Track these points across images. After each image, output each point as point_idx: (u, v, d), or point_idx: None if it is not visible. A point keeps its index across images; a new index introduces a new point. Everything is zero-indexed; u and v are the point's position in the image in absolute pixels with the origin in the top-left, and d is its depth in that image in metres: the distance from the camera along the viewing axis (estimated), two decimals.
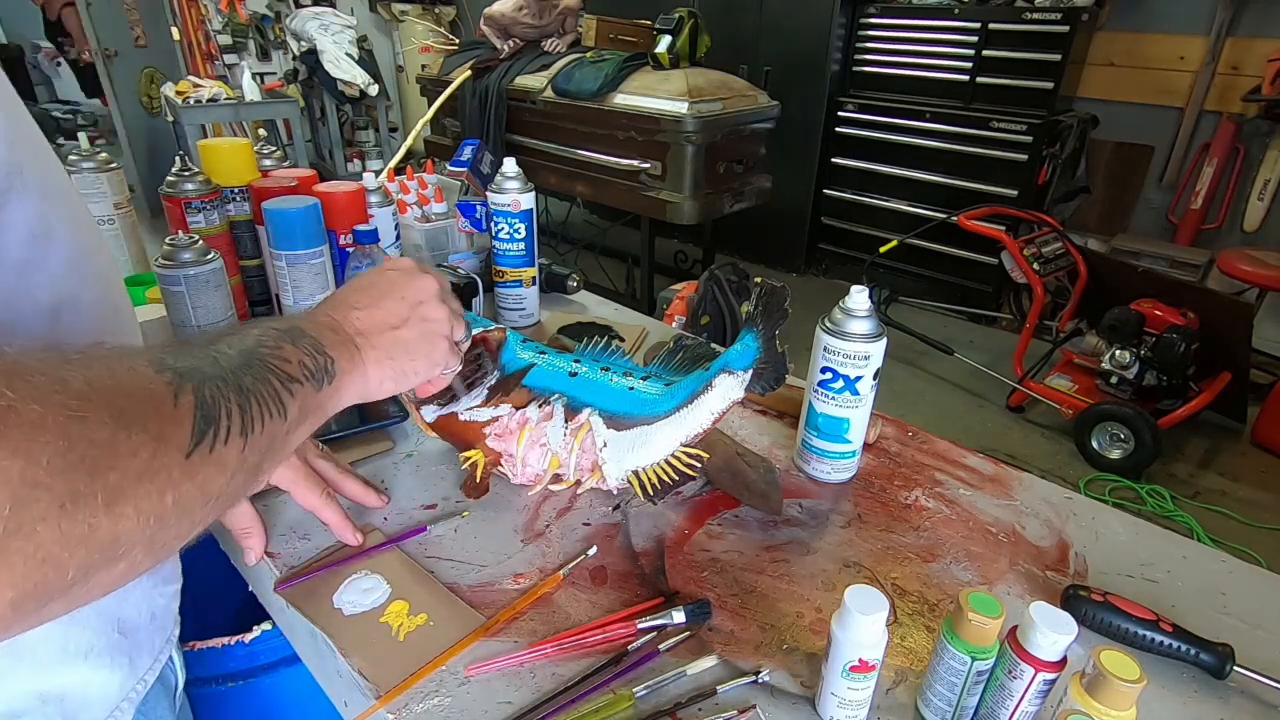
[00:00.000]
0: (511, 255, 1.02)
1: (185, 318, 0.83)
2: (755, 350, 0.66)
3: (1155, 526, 0.71)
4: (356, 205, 0.97)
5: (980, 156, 3.20)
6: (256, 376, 0.38)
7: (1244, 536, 2.09)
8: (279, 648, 0.85)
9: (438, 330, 0.55)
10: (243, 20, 4.97)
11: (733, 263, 1.33)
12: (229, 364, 0.37)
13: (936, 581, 0.63)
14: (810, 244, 3.94)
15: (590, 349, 0.71)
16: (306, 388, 0.42)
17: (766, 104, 2.72)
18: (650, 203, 2.65)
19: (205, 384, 0.34)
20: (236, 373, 0.37)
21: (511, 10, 2.85)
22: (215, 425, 0.34)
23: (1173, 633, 0.54)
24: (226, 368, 0.37)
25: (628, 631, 0.56)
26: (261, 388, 0.38)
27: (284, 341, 0.42)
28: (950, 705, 0.48)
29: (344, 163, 4.53)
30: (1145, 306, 2.36)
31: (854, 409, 0.71)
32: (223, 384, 0.35)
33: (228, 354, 0.38)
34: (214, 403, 0.34)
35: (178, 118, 3.14)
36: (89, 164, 1.14)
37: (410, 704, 0.50)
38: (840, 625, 0.46)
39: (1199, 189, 3.13)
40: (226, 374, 0.36)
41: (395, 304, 0.52)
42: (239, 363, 0.38)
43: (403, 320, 0.52)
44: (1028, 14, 3.04)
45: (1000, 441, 2.54)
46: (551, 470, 0.65)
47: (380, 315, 0.51)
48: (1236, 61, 2.96)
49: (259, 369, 0.39)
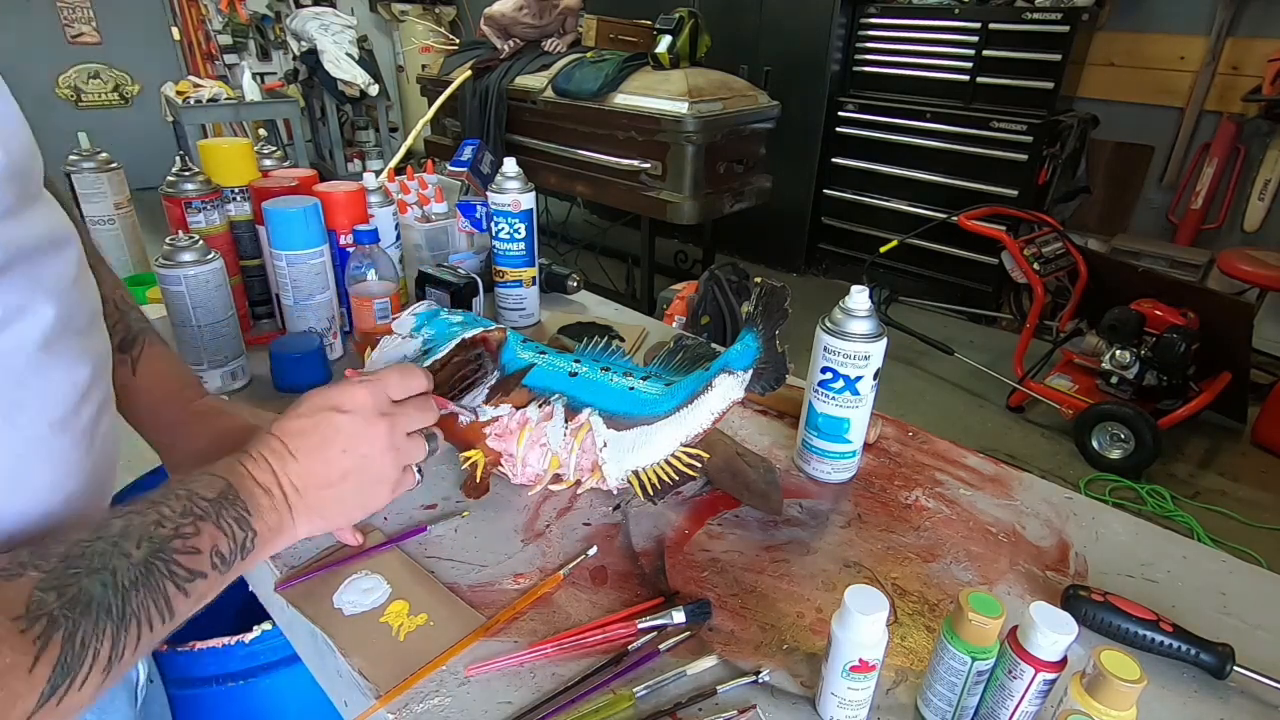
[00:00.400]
0: (511, 255, 1.02)
1: (185, 318, 0.83)
2: (755, 350, 0.66)
3: (1155, 526, 0.71)
4: (356, 205, 0.97)
5: (980, 156, 3.20)
6: (152, 588, 0.38)
7: (1244, 536, 2.09)
8: (279, 648, 0.86)
9: (378, 480, 0.52)
10: (243, 20, 4.97)
11: (733, 263, 1.33)
12: (125, 577, 0.37)
13: (936, 581, 0.63)
14: (810, 244, 3.94)
15: (590, 349, 0.71)
16: (211, 577, 0.41)
17: (766, 104, 2.72)
18: (650, 203, 2.65)
19: (80, 626, 0.34)
20: (127, 591, 0.37)
21: (512, 10, 2.85)
22: (73, 676, 0.34)
23: (1173, 633, 0.54)
24: (121, 583, 0.36)
25: (628, 631, 0.56)
26: (151, 602, 0.38)
27: (207, 520, 0.42)
28: (950, 705, 0.48)
29: (344, 163, 4.53)
30: (1145, 306, 2.36)
31: (854, 409, 0.71)
32: (104, 615, 0.35)
33: (131, 558, 0.37)
34: (82, 648, 0.34)
35: (178, 117, 3.14)
36: (89, 164, 1.14)
37: (410, 704, 0.50)
38: (840, 625, 0.46)
39: (1199, 189, 3.13)
40: (115, 596, 0.36)
41: (338, 457, 0.49)
42: (136, 573, 0.37)
43: (343, 475, 0.50)
44: (1028, 14, 3.04)
45: (1000, 441, 2.54)
46: (551, 470, 0.65)
47: (320, 469, 0.49)
48: (1237, 61, 2.96)
49: (159, 575, 0.38)
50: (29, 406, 0.41)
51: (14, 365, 0.40)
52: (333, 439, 0.49)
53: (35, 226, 0.42)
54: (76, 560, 0.36)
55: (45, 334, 0.42)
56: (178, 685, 0.84)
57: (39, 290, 0.42)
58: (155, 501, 0.41)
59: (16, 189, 0.40)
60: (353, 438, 0.50)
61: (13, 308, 0.40)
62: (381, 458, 0.51)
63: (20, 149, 0.42)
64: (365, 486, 0.51)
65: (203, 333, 0.85)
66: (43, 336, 0.41)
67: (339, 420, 0.50)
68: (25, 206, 0.42)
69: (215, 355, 0.87)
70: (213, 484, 0.44)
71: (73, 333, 0.44)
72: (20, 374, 0.40)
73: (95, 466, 0.46)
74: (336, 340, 0.96)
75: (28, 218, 0.42)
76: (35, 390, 0.41)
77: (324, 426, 0.49)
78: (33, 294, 0.41)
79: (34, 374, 0.41)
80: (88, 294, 0.48)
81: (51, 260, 0.43)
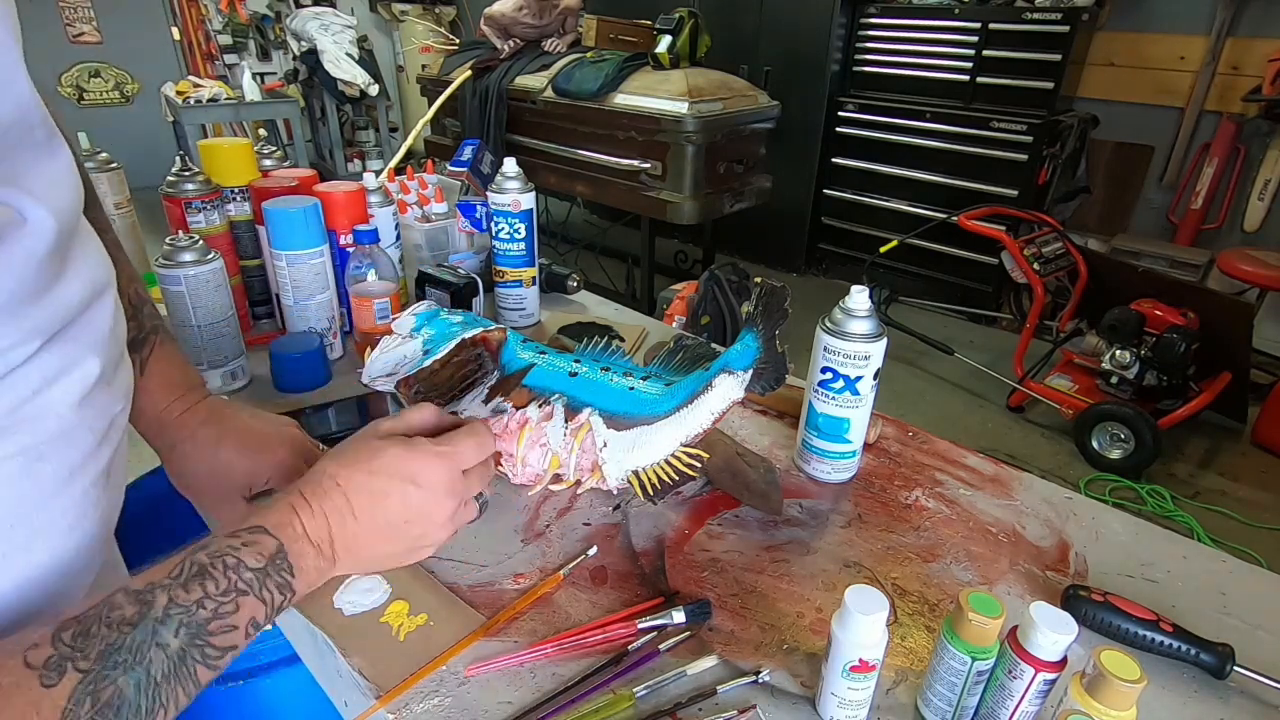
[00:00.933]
0: (511, 255, 1.02)
1: (185, 318, 0.84)
2: (755, 350, 0.66)
3: (1155, 526, 0.71)
4: (356, 205, 0.97)
5: (980, 156, 3.20)
6: (183, 677, 0.37)
7: (1244, 536, 2.09)
8: (279, 648, 0.85)
9: (430, 545, 0.51)
10: (243, 20, 4.97)
11: (733, 263, 1.33)
12: (159, 670, 0.36)
13: (936, 581, 0.63)
14: (810, 244, 3.94)
15: (590, 349, 0.71)
16: (240, 647, 0.40)
17: (766, 104, 2.72)
18: (650, 203, 2.65)
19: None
20: (159, 685, 0.36)
21: (512, 10, 2.85)
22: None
23: (1173, 633, 0.54)
24: (154, 678, 0.35)
25: (628, 631, 0.56)
26: (180, 688, 0.37)
27: (249, 594, 0.40)
28: (950, 705, 0.48)
29: (344, 163, 4.53)
30: (1145, 306, 2.36)
31: (854, 409, 0.71)
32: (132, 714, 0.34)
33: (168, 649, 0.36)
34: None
35: (178, 117, 3.14)
36: (89, 164, 1.14)
37: (410, 704, 0.50)
38: (840, 625, 0.46)
39: (1199, 189, 3.13)
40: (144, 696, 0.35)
41: (398, 525, 0.48)
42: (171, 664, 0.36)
43: (395, 540, 0.49)
44: (1028, 14, 3.04)
45: (1000, 441, 2.54)
46: (551, 470, 0.65)
47: (375, 531, 0.47)
48: (1237, 61, 2.96)
49: (192, 660, 0.37)
50: (51, 459, 0.40)
51: (46, 427, 0.39)
52: (399, 511, 0.48)
53: (76, 288, 0.42)
54: (114, 655, 0.34)
55: (82, 391, 0.41)
56: None
57: (80, 349, 0.41)
58: (203, 570, 0.39)
59: (60, 254, 0.40)
60: (420, 514, 0.49)
61: (52, 374, 0.39)
62: (439, 531, 0.51)
63: (70, 206, 0.41)
64: (412, 551, 0.51)
65: (203, 333, 0.85)
66: (78, 396, 0.41)
67: (411, 494, 0.48)
68: (67, 268, 0.41)
69: (215, 355, 0.87)
70: (264, 546, 0.42)
71: (104, 383, 0.44)
72: (51, 434, 0.40)
73: (109, 503, 0.46)
74: (336, 340, 0.96)
75: (69, 279, 0.41)
76: (59, 445, 0.40)
77: (394, 497, 0.48)
78: (74, 354, 0.41)
79: (63, 432, 0.40)
80: (119, 335, 0.47)
81: (92, 316, 0.43)
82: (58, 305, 0.40)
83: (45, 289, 0.39)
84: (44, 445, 0.39)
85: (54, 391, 0.40)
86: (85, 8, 4.66)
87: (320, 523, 0.45)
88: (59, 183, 0.41)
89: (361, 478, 0.47)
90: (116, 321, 0.47)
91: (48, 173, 0.40)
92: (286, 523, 0.44)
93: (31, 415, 0.39)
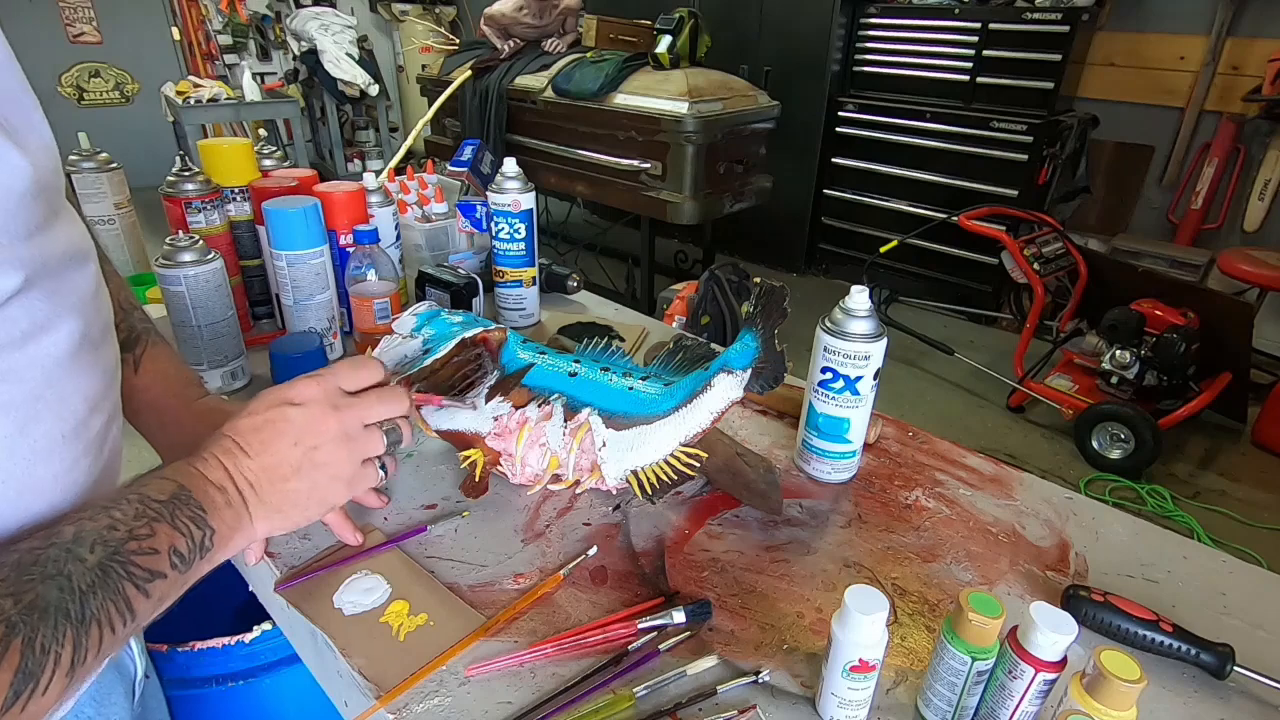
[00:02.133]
0: (511, 255, 1.02)
1: (185, 318, 0.84)
2: (754, 350, 0.66)
3: (1155, 526, 0.71)
4: (356, 205, 0.97)
5: (980, 156, 3.20)
6: (110, 590, 0.37)
7: (1244, 536, 2.09)
8: (279, 648, 0.85)
9: (333, 475, 0.52)
10: (243, 20, 4.97)
11: (733, 263, 1.33)
12: (82, 580, 0.36)
13: (937, 581, 0.63)
14: (810, 244, 3.94)
15: (590, 349, 0.71)
16: (170, 577, 0.41)
17: (766, 104, 2.72)
18: (650, 203, 2.65)
19: (39, 631, 0.34)
20: (85, 595, 0.36)
21: (512, 10, 2.85)
22: (35, 681, 0.34)
23: (1173, 633, 0.54)
24: (78, 586, 0.36)
25: (628, 631, 0.56)
26: (110, 604, 0.37)
27: (162, 520, 0.41)
28: (950, 705, 0.48)
29: (344, 163, 4.53)
30: (1145, 306, 2.36)
31: (854, 409, 0.71)
32: (63, 619, 0.35)
33: (86, 562, 0.37)
34: (43, 653, 0.34)
35: (178, 117, 3.14)
36: (89, 164, 1.14)
37: (410, 704, 0.50)
38: (840, 625, 0.46)
39: (1199, 189, 3.13)
40: (72, 599, 0.36)
41: (288, 450, 0.49)
42: (93, 577, 0.37)
43: (294, 470, 0.49)
44: (1028, 14, 3.04)
45: (1000, 441, 2.54)
46: (551, 470, 0.65)
47: (271, 463, 0.48)
48: (1237, 61, 2.96)
49: (116, 576, 0.38)
50: (43, 418, 0.41)
51: (33, 378, 0.40)
52: (284, 432, 0.49)
53: (60, 241, 0.42)
54: (30, 568, 0.35)
55: (68, 348, 0.42)
56: (177, 685, 0.84)
57: (63, 305, 0.42)
58: (106, 507, 0.40)
59: (44, 205, 0.40)
60: (303, 430, 0.50)
61: (38, 322, 0.40)
62: (335, 450, 0.51)
63: (48, 166, 0.42)
64: (320, 481, 0.51)
65: (202, 333, 0.85)
66: (65, 351, 0.41)
67: (290, 413, 0.49)
68: (51, 221, 0.42)
69: (215, 355, 0.87)
70: (164, 486, 0.43)
71: (89, 346, 0.44)
72: (38, 387, 0.40)
73: (101, 475, 0.46)
74: (336, 340, 0.96)
75: (53, 232, 0.42)
76: (50, 402, 0.41)
77: (275, 421, 0.49)
78: (57, 308, 0.41)
79: (51, 387, 0.41)
80: (104, 306, 0.48)
81: (74, 274, 0.44)
82: (42, 250, 0.40)
83: (27, 229, 0.39)
84: (34, 402, 0.40)
85: (41, 342, 0.40)
86: (85, 8, 4.66)
87: (214, 465, 0.47)
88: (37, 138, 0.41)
89: (242, 419, 0.50)
90: (100, 292, 0.47)
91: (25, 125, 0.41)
92: (183, 469, 0.45)
93: (20, 365, 0.39)
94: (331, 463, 0.51)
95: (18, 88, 0.41)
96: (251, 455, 0.48)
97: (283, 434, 0.49)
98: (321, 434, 0.50)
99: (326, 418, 0.51)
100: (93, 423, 0.45)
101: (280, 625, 0.67)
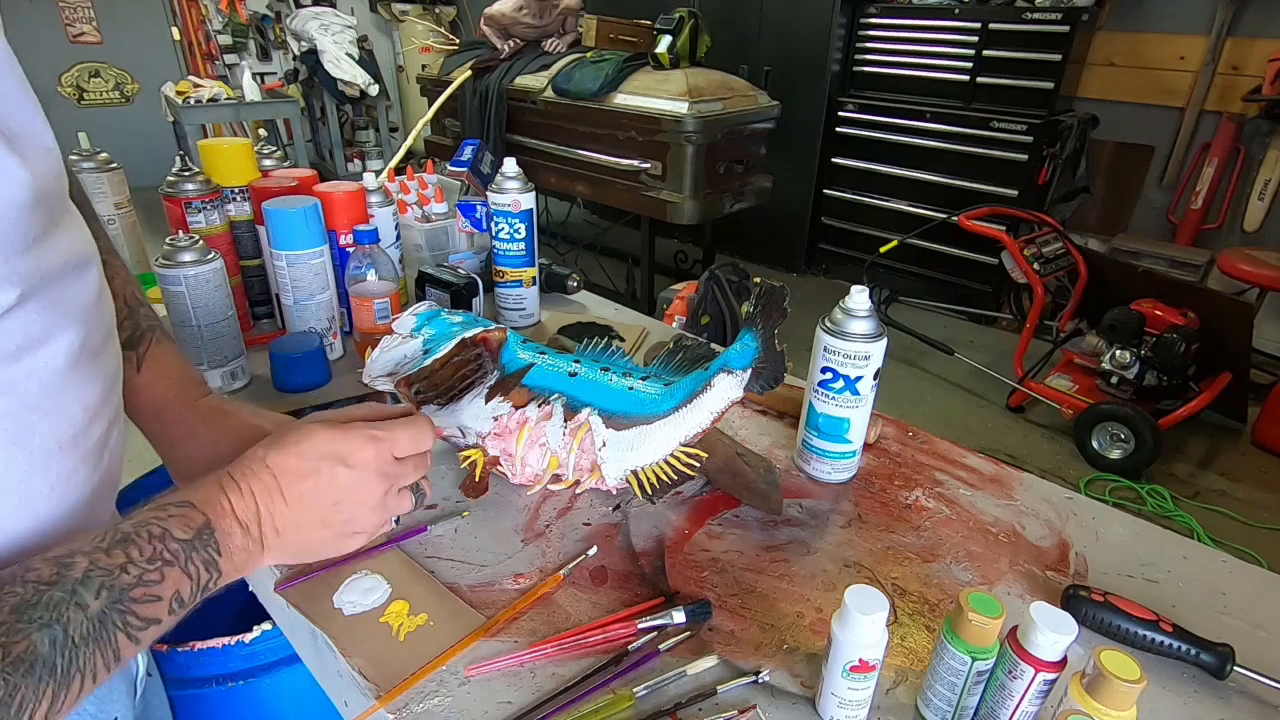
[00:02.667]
0: (511, 255, 1.02)
1: (185, 318, 0.83)
2: (754, 349, 0.66)
3: (1155, 526, 0.71)
4: (356, 205, 0.97)
5: (980, 156, 3.20)
6: (104, 640, 0.36)
7: (1244, 536, 2.09)
8: (279, 648, 0.86)
9: (357, 530, 0.51)
10: (243, 20, 4.97)
11: (733, 263, 1.33)
12: (77, 631, 0.35)
13: (937, 581, 0.63)
14: (810, 244, 3.94)
15: (590, 349, 0.71)
16: (165, 622, 0.40)
17: (766, 104, 2.72)
18: (650, 203, 2.65)
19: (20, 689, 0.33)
20: (76, 648, 0.35)
21: (512, 10, 2.85)
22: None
23: (1173, 633, 0.54)
24: (72, 638, 0.35)
25: (628, 631, 0.56)
26: (99, 654, 0.36)
27: (174, 565, 0.40)
28: (950, 705, 0.48)
29: (344, 163, 4.53)
30: (1145, 306, 2.36)
31: (854, 409, 0.71)
32: (47, 675, 0.34)
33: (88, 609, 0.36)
34: (19, 711, 0.33)
35: (178, 117, 3.14)
36: (89, 164, 1.14)
37: (410, 704, 0.50)
38: (840, 625, 0.46)
39: (1199, 189, 3.13)
40: (61, 654, 0.34)
41: (327, 510, 0.48)
42: (90, 626, 0.36)
43: (324, 525, 0.49)
44: (1028, 14, 3.04)
45: (1000, 441, 2.54)
46: (551, 470, 0.65)
47: (304, 519, 0.47)
48: (1237, 61, 2.96)
49: (112, 627, 0.37)
50: (39, 429, 0.40)
51: (28, 390, 0.39)
52: (328, 492, 0.48)
53: (60, 250, 0.42)
54: (29, 610, 0.34)
55: (66, 359, 0.41)
56: (178, 685, 0.84)
57: (62, 315, 0.41)
58: (127, 538, 0.39)
59: (44, 215, 0.40)
60: (348, 495, 0.49)
61: (35, 335, 0.39)
62: (369, 515, 0.51)
63: (49, 173, 0.41)
64: (343, 535, 0.51)
65: (202, 333, 0.85)
66: (63, 362, 0.41)
67: (341, 476, 0.48)
68: (51, 231, 0.41)
69: (215, 355, 0.87)
70: (190, 520, 0.42)
71: (89, 354, 0.43)
72: (34, 399, 0.39)
73: (101, 482, 0.46)
74: (336, 340, 0.96)
75: (53, 242, 0.41)
76: (47, 413, 0.40)
77: (324, 476, 0.48)
78: (55, 319, 0.41)
79: (48, 398, 0.40)
80: (105, 312, 0.47)
81: (75, 282, 0.43)
82: (39, 263, 0.40)
83: (25, 242, 0.38)
84: (31, 413, 0.39)
85: (38, 355, 0.39)
86: (85, 8, 4.66)
87: (248, 503, 0.45)
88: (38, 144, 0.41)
89: (291, 460, 0.47)
90: (101, 298, 0.47)
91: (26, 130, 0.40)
92: (214, 500, 0.44)
93: (15, 378, 0.38)
94: (360, 520, 0.51)
95: (18, 90, 0.41)
96: (288, 503, 0.47)
97: (327, 493, 0.48)
98: (364, 501, 0.50)
99: (374, 487, 0.50)
100: (92, 431, 0.44)
101: (280, 625, 0.67)
